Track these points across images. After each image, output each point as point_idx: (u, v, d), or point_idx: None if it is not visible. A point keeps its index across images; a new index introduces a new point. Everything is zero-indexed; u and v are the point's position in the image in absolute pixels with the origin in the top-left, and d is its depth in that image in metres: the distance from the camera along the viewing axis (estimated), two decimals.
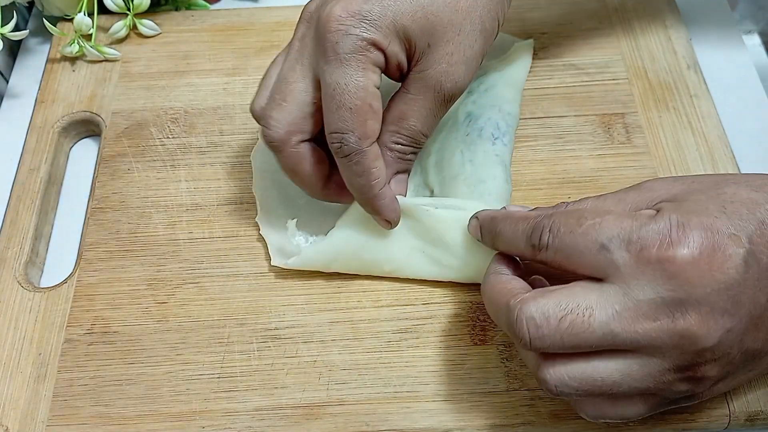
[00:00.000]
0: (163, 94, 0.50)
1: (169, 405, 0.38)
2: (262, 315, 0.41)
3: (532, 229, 0.33)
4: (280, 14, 0.53)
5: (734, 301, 0.29)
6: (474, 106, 0.45)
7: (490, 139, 0.43)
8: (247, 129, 0.48)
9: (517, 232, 0.33)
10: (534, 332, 0.30)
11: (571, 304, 0.30)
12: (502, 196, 0.42)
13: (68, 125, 0.49)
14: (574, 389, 0.30)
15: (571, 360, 0.30)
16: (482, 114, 0.44)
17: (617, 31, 0.52)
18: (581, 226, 0.31)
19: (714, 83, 0.49)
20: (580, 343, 0.30)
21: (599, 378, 0.30)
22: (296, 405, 0.38)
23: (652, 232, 0.29)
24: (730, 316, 0.29)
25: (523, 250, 0.33)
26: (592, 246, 0.30)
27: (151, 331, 0.40)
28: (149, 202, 0.45)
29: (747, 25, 0.58)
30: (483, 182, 0.42)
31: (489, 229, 0.36)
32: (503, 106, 0.45)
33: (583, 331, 0.29)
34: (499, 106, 0.45)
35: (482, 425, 0.37)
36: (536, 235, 0.32)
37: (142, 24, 0.52)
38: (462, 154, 0.43)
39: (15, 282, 0.42)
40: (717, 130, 0.47)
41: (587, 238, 0.30)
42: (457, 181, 0.42)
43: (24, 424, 0.38)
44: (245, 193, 0.45)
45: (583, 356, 0.30)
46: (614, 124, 0.47)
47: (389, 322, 0.40)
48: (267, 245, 0.42)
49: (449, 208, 0.40)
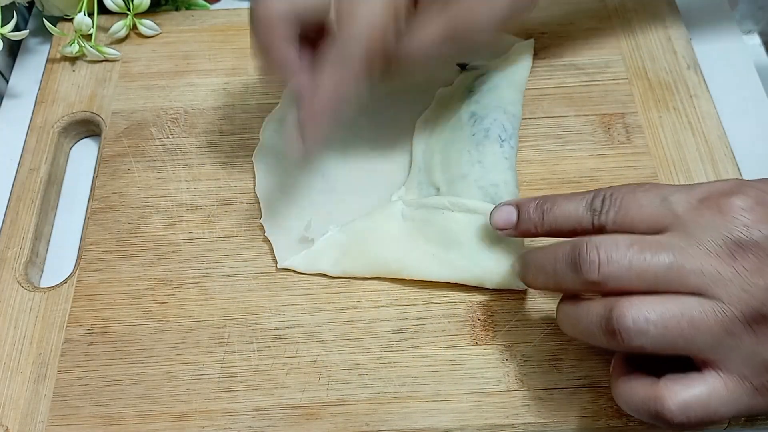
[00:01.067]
0: (163, 94, 0.50)
1: (169, 405, 0.38)
2: (262, 315, 0.41)
3: (593, 195, 0.34)
4: None
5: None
6: (477, 106, 0.45)
7: (498, 141, 0.43)
8: (247, 129, 0.48)
9: (578, 201, 0.35)
10: (604, 256, 0.31)
11: (638, 238, 0.31)
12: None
13: (68, 125, 0.49)
14: (653, 325, 0.30)
15: (646, 297, 0.31)
16: (487, 115, 0.44)
17: (617, 31, 0.52)
18: (642, 187, 0.33)
19: (714, 83, 0.49)
20: (647, 271, 0.30)
21: (678, 311, 0.30)
22: (296, 405, 0.38)
23: (711, 187, 0.32)
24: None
25: (581, 217, 0.34)
26: (654, 199, 0.32)
27: (151, 331, 0.40)
28: (149, 202, 0.45)
29: (747, 25, 0.58)
30: (496, 186, 0.41)
31: (538, 205, 0.36)
32: (507, 107, 0.45)
33: (651, 258, 0.30)
34: (504, 108, 0.45)
35: (482, 425, 0.37)
36: (598, 200, 0.34)
37: (142, 24, 0.52)
38: (470, 154, 0.43)
39: (15, 282, 0.42)
40: (717, 130, 0.47)
41: (648, 194, 0.33)
42: (467, 181, 0.42)
43: (24, 424, 0.38)
44: (245, 193, 0.45)
45: (656, 295, 0.30)
46: (614, 124, 0.47)
47: (389, 322, 0.40)
48: (272, 246, 0.42)
49: (464, 210, 0.40)
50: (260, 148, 0.46)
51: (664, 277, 0.30)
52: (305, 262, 0.41)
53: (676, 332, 0.30)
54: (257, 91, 0.50)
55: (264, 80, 0.47)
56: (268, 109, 0.48)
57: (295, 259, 0.42)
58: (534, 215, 0.36)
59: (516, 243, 0.40)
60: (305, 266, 0.41)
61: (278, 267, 0.42)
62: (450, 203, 0.41)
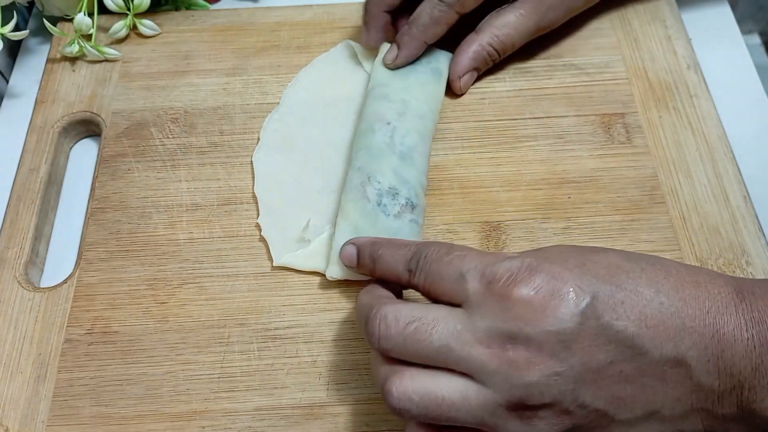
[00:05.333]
0: (163, 94, 0.50)
1: (169, 405, 0.38)
2: (262, 315, 0.41)
3: (412, 254, 0.34)
4: (280, 14, 0.53)
5: (564, 347, 0.29)
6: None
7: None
8: (247, 129, 0.48)
9: (398, 256, 0.35)
10: (383, 330, 0.32)
11: (422, 314, 0.31)
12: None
13: (68, 125, 0.49)
14: (415, 405, 0.31)
15: (418, 373, 0.31)
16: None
17: (617, 31, 0.52)
18: (449, 255, 0.33)
19: (714, 83, 0.49)
20: (419, 350, 0.31)
21: (440, 395, 0.31)
22: (296, 405, 0.38)
23: (503, 269, 0.31)
24: (559, 360, 0.29)
25: (401, 274, 0.35)
26: (453, 274, 0.32)
27: (151, 331, 0.40)
28: (149, 202, 0.45)
29: (747, 25, 0.58)
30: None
31: (370, 253, 0.36)
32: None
33: (424, 339, 0.31)
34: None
35: None
36: (414, 260, 0.34)
37: (142, 24, 0.52)
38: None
39: (15, 282, 0.42)
40: (717, 130, 0.47)
41: (451, 266, 0.32)
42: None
43: (24, 424, 0.38)
44: (245, 193, 0.45)
45: (429, 370, 0.31)
46: (614, 124, 0.47)
47: None
48: (268, 246, 0.42)
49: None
50: (260, 148, 0.46)
51: (437, 356, 0.31)
52: (301, 260, 0.41)
53: (437, 412, 0.31)
54: (257, 91, 0.50)
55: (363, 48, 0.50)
56: (268, 109, 0.48)
57: (291, 257, 0.42)
58: (367, 262, 0.37)
59: None
60: (301, 264, 0.41)
61: (274, 265, 0.42)
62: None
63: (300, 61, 0.51)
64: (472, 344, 0.30)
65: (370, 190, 0.41)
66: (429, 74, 0.47)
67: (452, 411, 0.31)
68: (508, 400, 0.30)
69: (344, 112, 0.48)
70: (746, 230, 0.43)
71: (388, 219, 0.41)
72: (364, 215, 0.41)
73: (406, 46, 0.46)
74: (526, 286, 0.30)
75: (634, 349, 0.30)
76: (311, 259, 0.42)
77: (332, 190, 0.44)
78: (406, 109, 0.45)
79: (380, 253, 0.36)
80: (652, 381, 0.30)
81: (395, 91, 0.46)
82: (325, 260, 0.41)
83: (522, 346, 0.30)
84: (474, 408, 0.30)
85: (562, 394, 0.30)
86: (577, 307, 0.30)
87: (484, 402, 0.30)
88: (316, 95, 0.49)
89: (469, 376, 0.30)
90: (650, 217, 0.44)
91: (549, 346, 0.29)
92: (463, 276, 0.32)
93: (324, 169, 0.45)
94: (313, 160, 0.46)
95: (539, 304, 0.30)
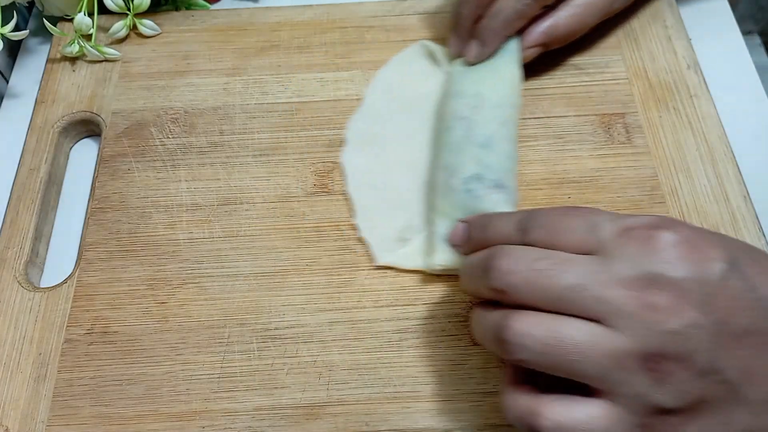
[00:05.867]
0: (163, 94, 0.50)
1: (169, 405, 0.38)
2: (262, 315, 0.41)
3: (525, 214, 0.33)
4: (280, 14, 0.53)
5: (706, 301, 0.28)
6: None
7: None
8: (247, 129, 0.48)
9: (509, 220, 0.34)
10: (511, 265, 0.30)
11: (550, 254, 0.30)
12: None
13: (68, 125, 0.49)
14: (536, 342, 0.29)
15: (540, 314, 0.30)
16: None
17: (617, 31, 0.52)
18: (576, 211, 0.32)
19: (714, 83, 0.49)
20: (548, 288, 0.29)
21: (565, 334, 0.29)
22: (296, 405, 0.38)
23: (643, 219, 0.30)
24: (701, 312, 0.28)
25: (512, 236, 0.33)
26: (583, 224, 0.31)
27: (151, 331, 0.40)
28: (149, 202, 0.45)
29: (747, 25, 0.58)
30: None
31: (480, 223, 0.36)
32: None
33: (555, 276, 0.29)
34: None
35: (482, 425, 0.37)
36: (528, 218, 0.33)
37: (142, 24, 0.52)
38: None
39: (15, 282, 0.42)
40: (717, 130, 0.47)
41: (579, 218, 0.31)
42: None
43: (24, 424, 0.38)
44: (245, 193, 0.45)
45: (553, 314, 0.30)
46: (614, 124, 0.47)
47: (389, 322, 0.40)
48: (370, 245, 0.42)
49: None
50: (347, 148, 0.46)
51: (566, 297, 0.29)
52: (402, 259, 0.42)
53: (558, 353, 0.29)
54: (257, 91, 0.50)
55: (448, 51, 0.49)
56: (268, 109, 0.48)
57: (393, 257, 0.42)
58: (476, 234, 0.36)
59: None
60: (403, 263, 0.42)
61: (376, 265, 0.42)
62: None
63: (300, 61, 0.51)
64: (609, 285, 0.29)
65: (455, 181, 0.41)
66: (502, 62, 0.47)
67: (575, 355, 0.29)
68: (642, 349, 0.28)
69: (425, 110, 0.48)
70: (746, 230, 0.43)
71: (476, 200, 0.40)
72: (455, 206, 0.41)
73: (488, 42, 0.45)
74: (670, 232, 0.29)
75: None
76: (412, 259, 0.42)
77: (420, 189, 0.45)
78: (481, 101, 0.44)
79: (488, 221, 0.35)
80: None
81: (469, 86, 0.46)
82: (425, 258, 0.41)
83: (666, 290, 0.28)
84: (601, 356, 0.28)
85: (697, 352, 0.28)
86: (723, 262, 0.28)
87: (614, 349, 0.28)
88: (396, 95, 0.49)
89: (598, 322, 0.29)
90: None
91: (693, 295, 0.28)
92: (596, 225, 0.30)
93: (410, 167, 0.46)
94: (399, 159, 0.46)
95: (686, 249, 0.29)
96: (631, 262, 0.29)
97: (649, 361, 0.28)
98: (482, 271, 0.32)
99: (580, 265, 0.30)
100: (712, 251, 0.29)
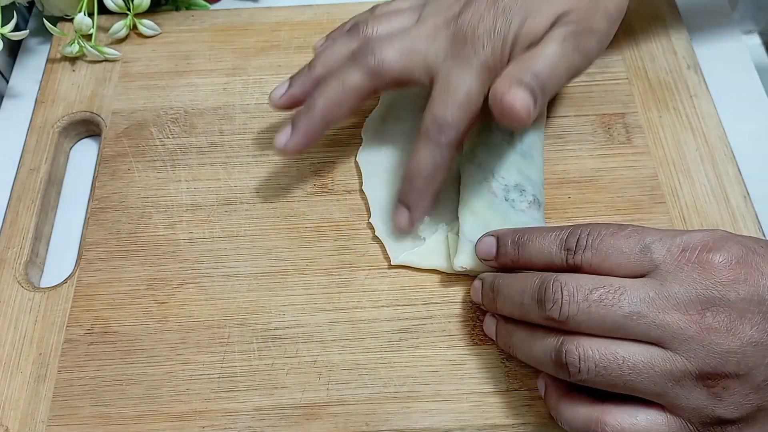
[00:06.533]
0: (163, 94, 0.50)
1: (169, 405, 0.38)
2: (262, 315, 0.41)
3: (568, 233, 0.33)
4: (280, 14, 0.53)
5: (765, 318, 0.29)
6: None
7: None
8: (247, 129, 0.48)
9: (550, 238, 0.34)
10: (566, 297, 0.31)
11: (605, 282, 0.31)
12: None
13: (68, 125, 0.49)
14: (595, 363, 0.30)
15: (597, 338, 0.31)
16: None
17: (617, 31, 0.52)
18: (624, 231, 0.32)
19: (714, 83, 0.49)
20: (606, 317, 0.30)
21: (621, 356, 0.30)
22: (296, 405, 0.38)
23: (696, 238, 0.31)
24: (759, 330, 0.29)
25: (555, 255, 0.33)
26: (634, 246, 0.31)
27: (151, 331, 0.40)
28: (149, 202, 0.45)
29: (747, 25, 0.58)
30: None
31: (514, 239, 0.35)
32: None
33: (612, 306, 0.30)
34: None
35: (482, 425, 0.37)
36: (573, 238, 0.33)
37: (142, 24, 0.52)
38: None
39: (15, 282, 0.42)
40: (717, 130, 0.47)
41: (630, 239, 0.31)
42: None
43: (24, 424, 0.38)
44: (245, 193, 0.45)
45: (610, 339, 0.31)
46: (614, 124, 0.47)
47: (389, 322, 0.40)
48: (386, 244, 0.42)
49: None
50: (363, 148, 0.46)
51: (624, 325, 0.30)
52: (418, 258, 0.42)
53: (615, 375, 0.30)
54: (257, 91, 0.50)
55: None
56: (268, 109, 0.48)
57: (409, 255, 0.42)
58: (510, 250, 0.36)
59: None
60: (419, 262, 0.42)
61: (391, 264, 0.42)
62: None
63: (300, 60, 0.51)
64: (667, 310, 0.30)
65: (496, 185, 0.41)
66: None
67: (633, 375, 0.30)
68: (700, 368, 0.29)
69: None
70: (746, 230, 0.43)
71: (518, 214, 0.40)
72: (492, 210, 0.40)
73: (416, 207, 0.41)
74: (725, 252, 0.30)
75: None
76: (428, 258, 0.42)
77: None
78: None
79: (527, 238, 0.35)
80: None
81: None
82: (443, 258, 0.41)
83: (723, 312, 0.29)
84: (657, 374, 0.30)
85: (756, 367, 0.29)
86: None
87: (671, 369, 0.30)
88: (412, 94, 0.48)
89: (656, 345, 0.30)
90: (650, 217, 0.44)
91: (750, 315, 0.29)
92: (648, 247, 0.31)
93: None
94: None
95: (741, 270, 0.29)
96: (686, 286, 0.30)
97: (708, 380, 0.29)
98: (535, 301, 0.33)
99: (636, 291, 0.30)
100: (764, 269, 0.29)
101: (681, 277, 0.30)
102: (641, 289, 0.30)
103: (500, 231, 0.37)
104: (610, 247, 0.32)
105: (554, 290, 0.31)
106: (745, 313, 0.29)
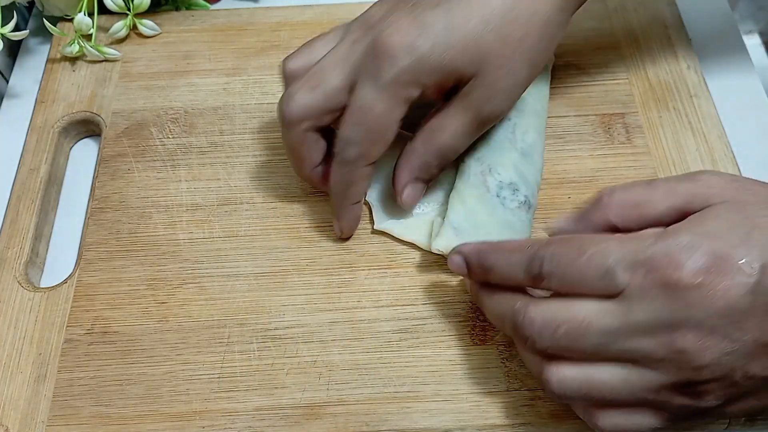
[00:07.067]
0: (163, 94, 0.50)
1: (169, 405, 0.38)
2: (262, 315, 0.41)
3: (530, 258, 0.32)
4: (280, 14, 0.53)
5: (736, 327, 0.29)
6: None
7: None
8: (247, 129, 0.48)
9: (513, 263, 0.33)
10: (536, 335, 0.32)
11: (570, 316, 0.31)
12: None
13: (68, 125, 0.49)
14: (576, 390, 0.31)
15: (574, 362, 0.31)
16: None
17: (617, 31, 0.52)
18: (584, 255, 0.31)
19: (714, 83, 0.49)
20: (576, 348, 0.31)
21: (599, 381, 0.31)
22: (296, 405, 0.38)
23: (659, 254, 0.29)
24: (731, 341, 0.29)
25: (522, 281, 0.33)
26: (597, 272, 0.30)
27: (151, 331, 0.40)
28: (149, 202, 0.45)
29: (747, 25, 0.58)
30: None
31: (478, 263, 0.35)
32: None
33: (578, 338, 0.31)
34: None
35: (482, 425, 0.37)
36: (536, 265, 0.32)
37: (142, 24, 0.52)
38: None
39: (15, 282, 0.42)
40: (717, 130, 0.47)
41: (591, 265, 0.30)
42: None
43: (24, 424, 0.38)
44: (245, 193, 0.45)
45: (585, 361, 0.31)
46: (614, 124, 0.47)
47: (389, 322, 0.40)
48: (372, 208, 0.43)
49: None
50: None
51: (595, 353, 0.31)
52: (401, 228, 0.42)
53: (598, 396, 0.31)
54: (257, 91, 0.50)
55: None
56: (268, 109, 0.48)
57: (392, 223, 0.43)
58: (478, 271, 0.35)
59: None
60: (400, 233, 0.42)
61: (374, 228, 0.43)
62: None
63: None
64: (634, 337, 0.30)
65: (491, 180, 0.41)
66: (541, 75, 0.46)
67: (612, 393, 0.31)
68: (675, 382, 0.30)
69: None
70: None
71: (506, 212, 0.41)
72: (482, 203, 0.41)
73: (344, 219, 0.41)
74: (689, 269, 0.28)
75: None
76: (411, 231, 0.42)
77: None
78: (524, 106, 0.44)
79: (492, 262, 0.34)
80: None
81: None
82: (424, 236, 0.42)
83: (692, 332, 0.29)
84: (636, 390, 0.30)
85: (732, 371, 0.29)
86: (746, 286, 0.28)
87: (649, 384, 0.30)
88: None
89: (630, 363, 0.30)
90: None
91: (720, 329, 0.28)
92: (611, 271, 0.30)
93: None
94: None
95: (707, 286, 0.28)
96: (654, 310, 0.29)
97: (686, 388, 0.30)
98: (510, 328, 0.33)
99: (600, 322, 0.30)
100: (736, 279, 0.28)
101: (645, 302, 0.29)
102: (605, 320, 0.30)
103: (465, 249, 0.36)
104: (572, 275, 0.31)
105: (526, 326, 0.32)
106: (714, 329, 0.29)
